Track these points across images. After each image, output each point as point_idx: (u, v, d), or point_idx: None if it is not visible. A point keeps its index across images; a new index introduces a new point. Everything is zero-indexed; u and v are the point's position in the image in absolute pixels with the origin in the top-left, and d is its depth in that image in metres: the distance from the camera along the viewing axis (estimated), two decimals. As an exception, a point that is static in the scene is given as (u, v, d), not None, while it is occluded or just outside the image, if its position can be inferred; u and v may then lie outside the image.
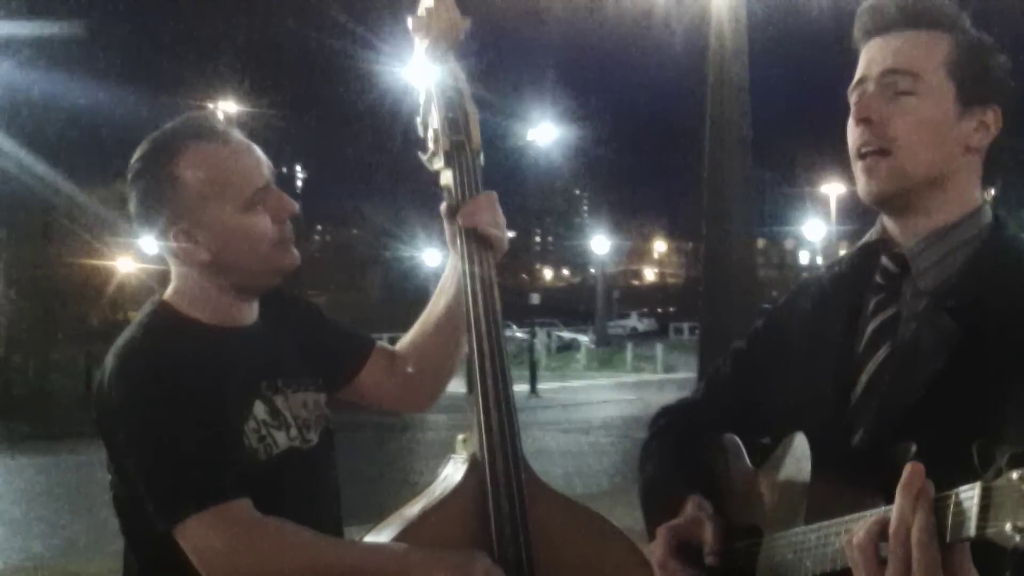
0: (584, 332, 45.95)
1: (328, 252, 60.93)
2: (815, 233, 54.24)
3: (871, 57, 1.72)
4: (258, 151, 2.13)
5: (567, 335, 45.91)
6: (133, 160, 2.13)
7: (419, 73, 2.24)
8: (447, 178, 2.20)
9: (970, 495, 1.22)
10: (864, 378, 1.69)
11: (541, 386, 26.06)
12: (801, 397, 1.74)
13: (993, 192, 1.79)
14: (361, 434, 12.79)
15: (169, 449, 1.98)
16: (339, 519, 2.25)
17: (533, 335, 33.64)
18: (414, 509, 2.05)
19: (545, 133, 43.46)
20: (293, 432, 2.15)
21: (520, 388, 27.34)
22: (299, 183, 43.08)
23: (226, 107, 32.51)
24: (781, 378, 1.81)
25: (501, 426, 2.03)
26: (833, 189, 50.44)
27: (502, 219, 2.22)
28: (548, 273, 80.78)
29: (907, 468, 1.30)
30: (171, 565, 1.97)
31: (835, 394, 1.70)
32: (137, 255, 31.95)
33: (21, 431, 18.62)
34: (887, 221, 1.76)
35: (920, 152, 1.67)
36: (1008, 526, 1.15)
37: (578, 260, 73.50)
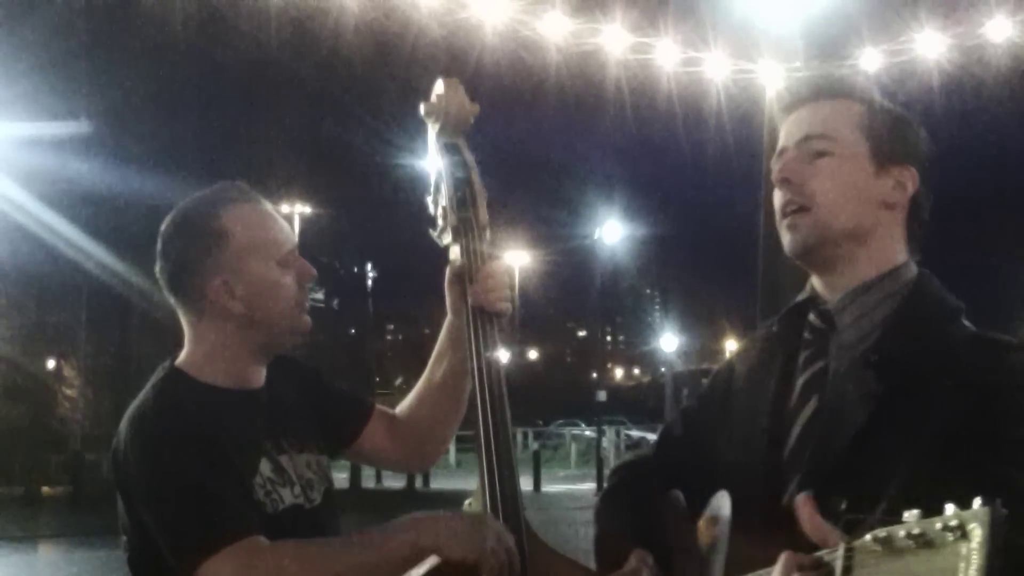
0: (653, 430, 45.44)
1: (399, 350, 61.19)
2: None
3: (789, 129, 1.84)
4: (282, 219, 2.28)
5: (636, 433, 45.43)
6: (167, 223, 2.24)
7: (430, 155, 2.38)
8: (455, 253, 2.31)
9: (833, 556, 1.29)
10: (795, 432, 1.75)
11: (609, 484, 25.75)
12: (740, 453, 1.81)
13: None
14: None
15: (182, 496, 2.07)
16: None
17: (601, 433, 33.33)
18: (421, 568, 2.10)
19: (612, 231, 43.56)
20: (297, 490, 2.24)
21: (588, 486, 27.26)
22: (370, 282, 43.40)
23: (300, 209, 33.15)
24: (723, 435, 1.87)
25: (504, 489, 2.13)
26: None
27: (509, 289, 2.31)
28: (619, 372, 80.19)
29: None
30: None
31: (769, 449, 1.77)
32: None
33: (94, 525, 18.96)
34: (814, 279, 1.84)
35: (838, 207, 1.76)
36: None
37: (648, 359, 72.89)
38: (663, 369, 58.41)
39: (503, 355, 2.27)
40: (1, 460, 27.42)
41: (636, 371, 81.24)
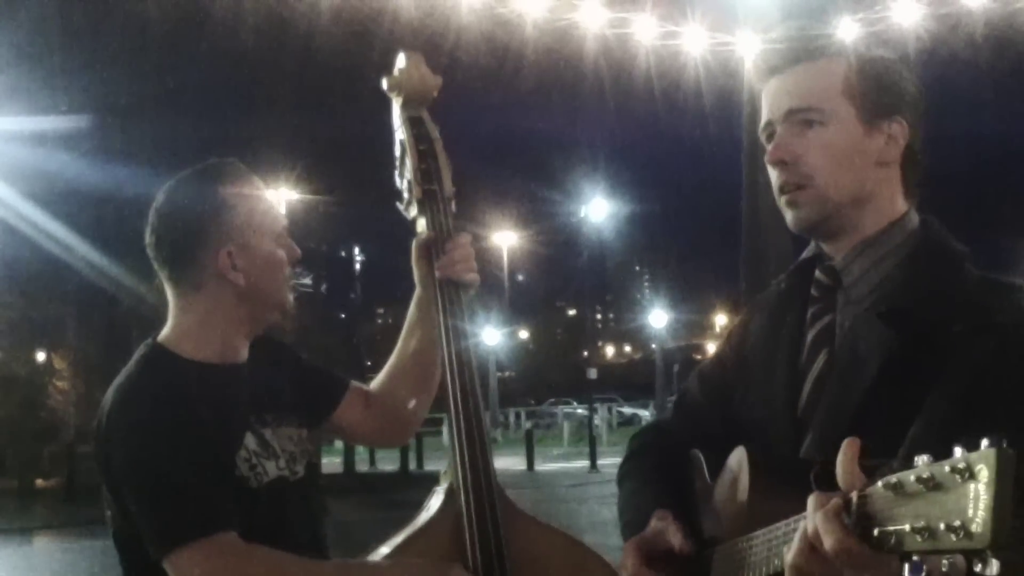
0: (645, 407, 45.58)
1: (389, 334, 61.02)
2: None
3: (772, 98, 1.82)
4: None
5: (628, 410, 45.53)
6: (161, 201, 2.24)
7: (395, 129, 2.39)
8: (421, 225, 2.33)
9: (845, 499, 1.32)
10: (807, 387, 1.77)
11: (601, 461, 25.87)
12: (756, 411, 1.83)
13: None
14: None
15: (162, 483, 2.09)
16: (324, 547, 2.34)
17: (593, 410, 33.42)
18: (398, 538, 2.16)
19: (598, 209, 43.55)
20: (282, 463, 2.26)
21: (581, 464, 27.33)
22: (357, 265, 43.38)
23: (287, 194, 33.07)
24: (739, 394, 1.89)
25: (474, 456, 2.16)
26: None
27: (474, 261, 2.33)
28: (610, 350, 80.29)
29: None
30: None
31: (783, 405, 1.78)
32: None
33: (88, 515, 18.98)
34: (820, 241, 1.84)
35: (837, 178, 1.75)
36: (905, 527, 1.21)
37: (638, 336, 73.04)
38: (653, 345, 58.53)
39: (473, 328, 2.28)
40: (-7, 453, 27.46)
41: (627, 348, 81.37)
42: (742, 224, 11.97)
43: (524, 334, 63.78)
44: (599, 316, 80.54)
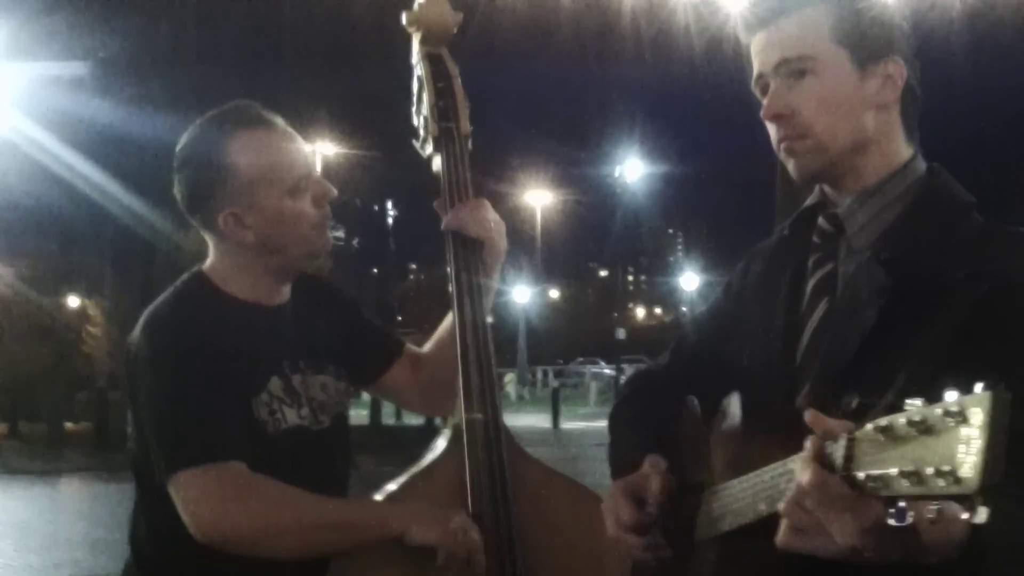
0: (674, 369, 45.44)
1: (422, 291, 61.23)
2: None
3: (762, 51, 1.78)
4: (299, 139, 2.24)
5: (656, 372, 45.43)
6: (180, 147, 2.23)
7: (414, 66, 2.36)
8: (437, 164, 2.31)
9: (836, 446, 1.30)
10: (807, 335, 1.74)
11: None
12: (754, 358, 1.80)
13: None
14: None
15: (178, 406, 2.10)
16: (344, 496, 2.32)
17: (620, 371, 33.46)
18: (403, 478, 2.19)
19: (633, 170, 43.31)
20: (304, 411, 2.24)
21: (606, 424, 27.07)
22: (390, 221, 43.46)
23: (322, 148, 33.10)
24: (736, 341, 1.86)
25: (482, 395, 2.18)
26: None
27: (493, 221, 2.30)
28: (640, 311, 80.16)
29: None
30: (173, 519, 2.08)
31: (781, 353, 1.75)
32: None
33: (117, 460, 19.19)
34: (824, 186, 1.82)
35: (836, 127, 1.72)
36: (893, 471, 1.19)
37: (669, 299, 72.87)
38: (684, 308, 58.40)
39: (484, 284, 2.28)
40: (26, 398, 27.79)
41: (657, 311, 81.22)
42: (776, 188, 11.90)
43: (555, 293, 63.74)
44: (631, 278, 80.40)
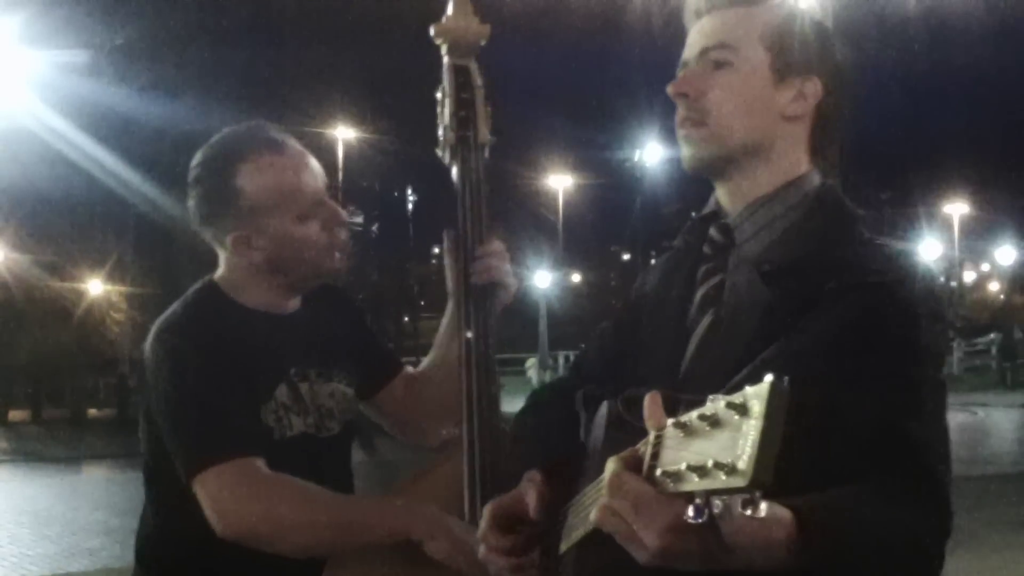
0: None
1: (443, 274, 61.18)
2: (931, 254, 52.67)
3: (693, 38, 1.78)
4: (313, 161, 2.28)
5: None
6: (194, 164, 2.28)
7: (443, 76, 2.38)
8: (454, 173, 2.33)
9: (645, 443, 1.28)
10: (691, 347, 1.72)
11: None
12: (641, 371, 1.77)
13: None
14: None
15: (195, 408, 2.14)
16: None
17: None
18: (405, 480, 2.23)
19: (653, 153, 43.20)
20: (311, 419, 2.27)
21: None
22: (410, 205, 43.49)
23: (343, 132, 33.09)
24: (632, 353, 1.84)
25: (481, 407, 2.17)
26: (956, 209, 49.20)
27: (508, 265, 2.30)
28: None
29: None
30: (184, 522, 2.12)
31: (667, 365, 1.72)
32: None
33: (138, 447, 19.27)
34: (718, 191, 1.81)
35: (733, 121, 1.71)
36: (683, 466, 1.17)
37: (692, 282, 72.64)
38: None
39: (494, 331, 2.25)
40: (49, 383, 27.98)
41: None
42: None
43: (576, 278, 63.72)
44: (653, 262, 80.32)
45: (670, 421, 1.23)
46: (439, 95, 2.38)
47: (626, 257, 75.01)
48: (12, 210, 26.46)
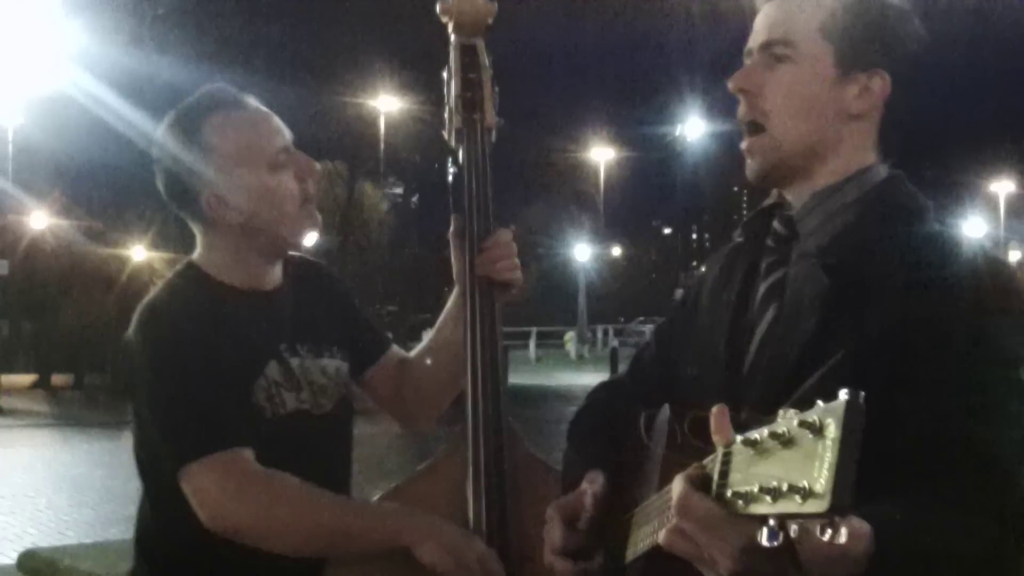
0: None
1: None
2: (975, 233, 51.90)
3: (756, 27, 1.70)
4: (277, 119, 2.23)
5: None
6: (157, 136, 2.23)
7: (450, 55, 2.31)
8: (460, 155, 2.26)
9: (714, 460, 1.22)
10: (755, 343, 1.66)
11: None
12: (703, 368, 1.73)
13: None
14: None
15: (180, 399, 2.09)
16: (346, 485, 2.31)
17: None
18: (410, 477, 2.17)
19: (695, 128, 42.98)
20: (304, 395, 2.22)
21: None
22: (449, 177, 43.45)
23: (385, 104, 33.08)
24: (689, 351, 1.79)
25: (486, 400, 2.13)
26: (1003, 187, 48.65)
27: (516, 259, 2.24)
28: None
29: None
30: (181, 514, 2.06)
31: (728, 363, 1.68)
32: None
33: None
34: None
35: (793, 121, 1.64)
36: (755, 487, 1.11)
37: (734, 258, 72.45)
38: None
39: (501, 330, 2.21)
40: (91, 349, 28.23)
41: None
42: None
43: (617, 251, 63.58)
44: (694, 236, 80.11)
45: (739, 438, 1.17)
46: (445, 75, 2.31)
47: (667, 231, 74.75)
48: (56, 178, 26.69)
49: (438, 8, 2.30)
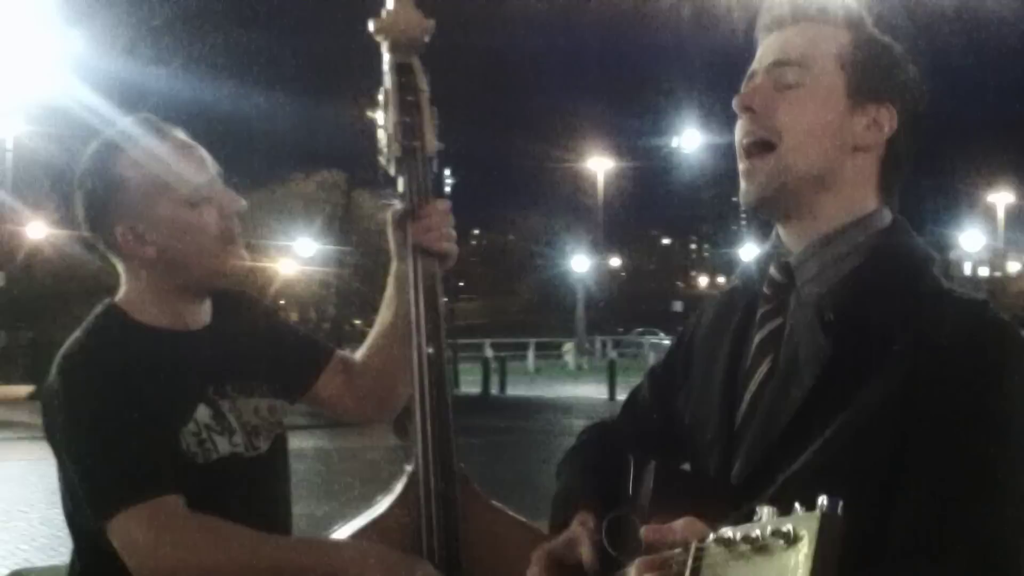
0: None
1: (483, 255, 61.40)
2: (973, 244, 51.89)
3: (763, 51, 1.65)
4: (201, 149, 2.15)
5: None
6: (78, 172, 2.16)
7: (384, 75, 2.20)
8: (400, 185, 2.16)
9: (685, 555, 1.17)
10: (748, 395, 1.60)
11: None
12: (695, 418, 1.67)
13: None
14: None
15: (99, 448, 2.01)
16: (286, 523, 2.25)
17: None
18: (359, 520, 2.07)
19: (691, 139, 43.04)
20: (237, 438, 2.14)
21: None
22: (448, 188, 43.52)
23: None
24: (685, 397, 1.74)
25: (435, 438, 2.06)
26: (1001, 198, 48.64)
27: (452, 231, 2.19)
28: (703, 280, 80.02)
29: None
30: (109, 566, 1.98)
31: (720, 414, 1.62)
32: (297, 258, 32.84)
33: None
34: (780, 229, 1.66)
35: (804, 146, 1.57)
36: None
37: (732, 268, 72.61)
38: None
39: (444, 301, 2.16)
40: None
41: (720, 280, 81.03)
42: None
43: (615, 262, 63.59)
44: (693, 246, 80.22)
45: (712, 536, 1.12)
46: (380, 98, 2.19)
47: (666, 241, 74.75)
48: (52, 188, 26.62)
49: (371, 27, 2.19)
